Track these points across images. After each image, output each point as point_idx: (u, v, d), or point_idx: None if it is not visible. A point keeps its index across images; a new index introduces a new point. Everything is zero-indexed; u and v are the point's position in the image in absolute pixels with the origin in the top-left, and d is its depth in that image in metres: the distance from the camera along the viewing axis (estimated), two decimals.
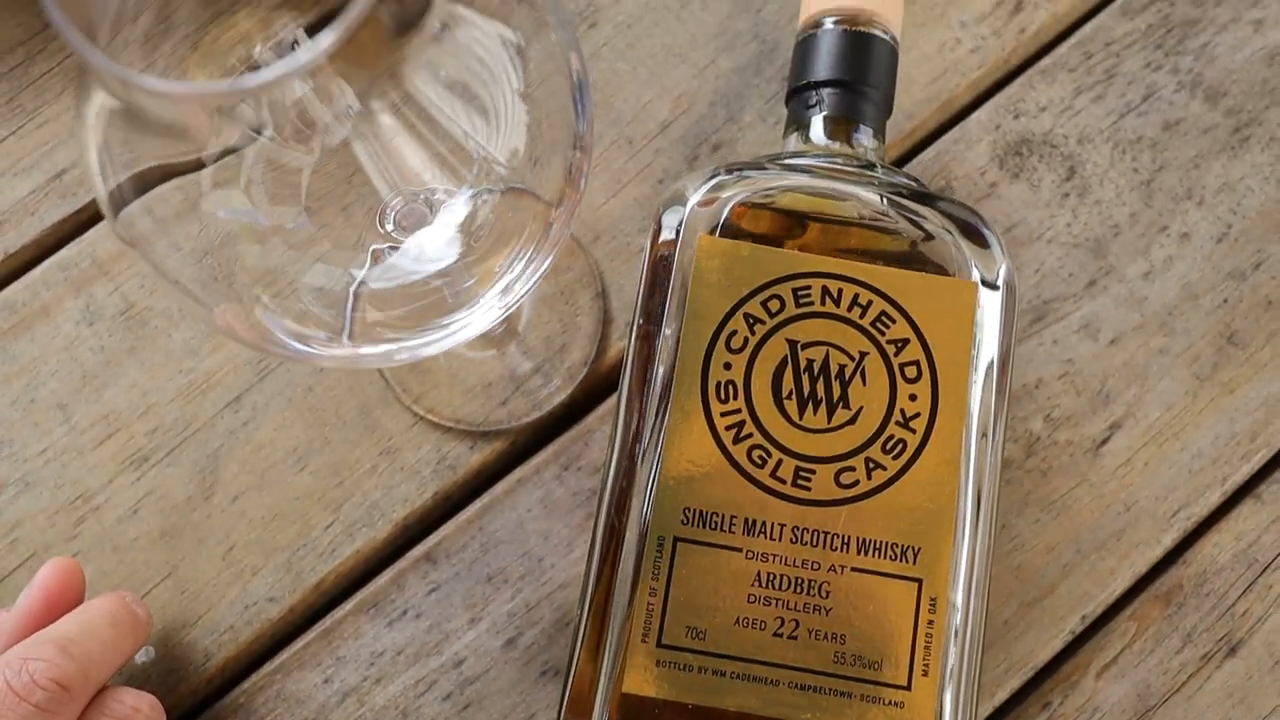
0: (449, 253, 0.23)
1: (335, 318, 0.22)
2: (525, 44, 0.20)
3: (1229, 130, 0.40)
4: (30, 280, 0.39)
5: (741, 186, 0.29)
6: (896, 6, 0.34)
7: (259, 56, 0.24)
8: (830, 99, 0.32)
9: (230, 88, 0.17)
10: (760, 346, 0.27)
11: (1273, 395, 0.37)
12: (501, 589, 0.36)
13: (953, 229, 0.29)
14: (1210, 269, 0.38)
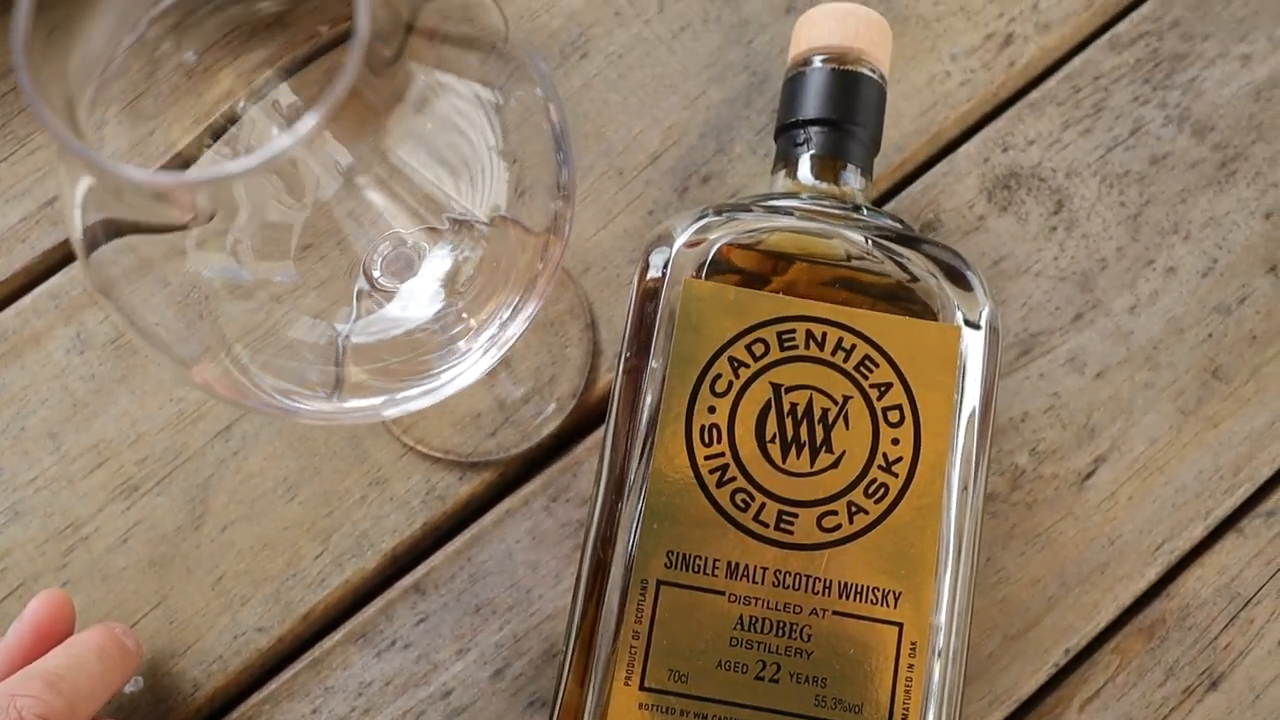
0: (433, 305, 0.23)
1: (320, 373, 0.22)
2: (503, 101, 0.21)
3: (1215, 165, 0.40)
4: (21, 307, 0.39)
5: (728, 228, 0.30)
6: (885, 45, 0.34)
7: (241, 110, 0.24)
8: (818, 138, 0.33)
9: (211, 175, 0.17)
10: (744, 390, 0.28)
11: (1256, 430, 0.38)
12: (490, 620, 0.36)
13: (936, 272, 0.30)
14: (1196, 303, 0.39)
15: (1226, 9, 0.41)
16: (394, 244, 0.23)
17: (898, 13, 0.41)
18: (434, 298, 0.23)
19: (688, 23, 0.41)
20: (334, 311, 0.22)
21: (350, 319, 0.22)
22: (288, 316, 0.21)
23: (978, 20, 0.41)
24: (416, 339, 0.23)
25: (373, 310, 0.23)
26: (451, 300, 0.23)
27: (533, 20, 0.41)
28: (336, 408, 0.22)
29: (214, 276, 0.20)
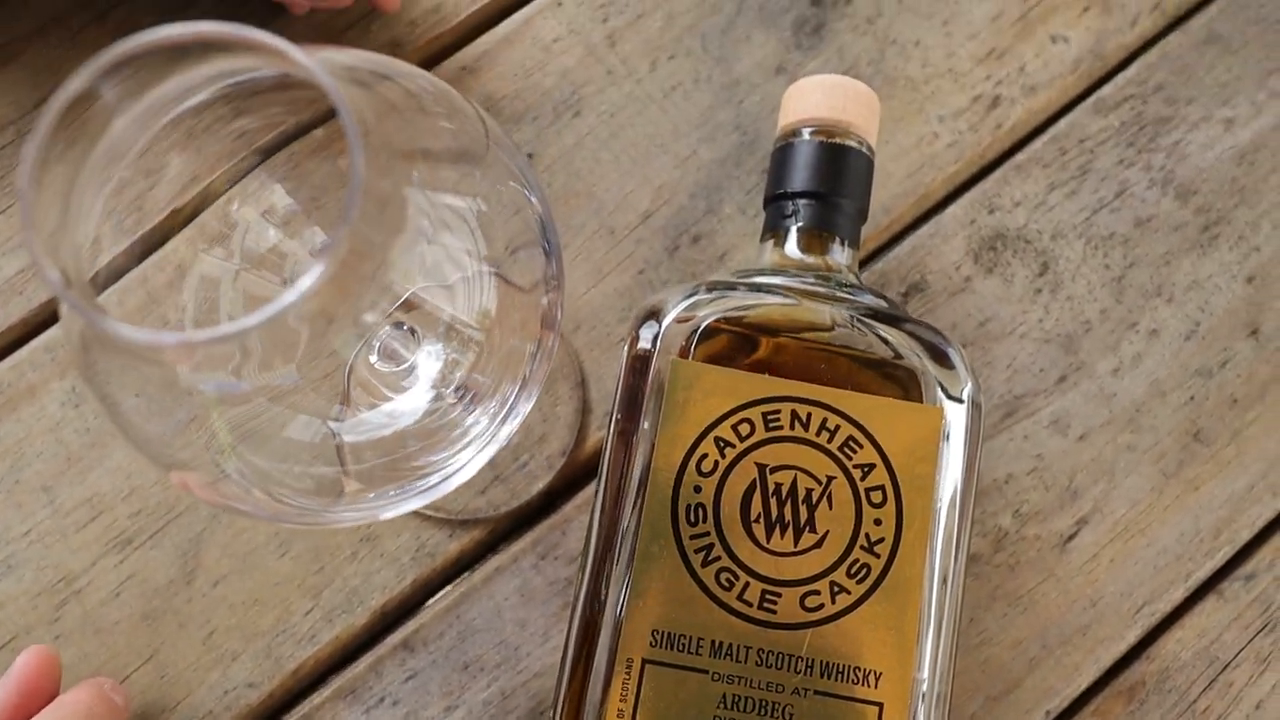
0: (426, 405, 0.23)
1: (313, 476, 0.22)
2: (486, 207, 0.21)
3: (1199, 228, 0.40)
4: (17, 360, 0.39)
5: (716, 305, 0.30)
6: (873, 117, 0.34)
7: (237, 214, 0.24)
8: (806, 211, 0.33)
9: (211, 335, 0.17)
10: (730, 470, 0.28)
11: (1236, 493, 0.38)
12: (478, 677, 0.36)
13: (919, 350, 0.30)
14: (1178, 366, 0.39)
15: (1210, 73, 0.42)
16: (386, 348, 0.23)
17: (886, 75, 0.41)
18: (426, 398, 0.23)
19: (679, 82, 0.41)
20: (326, 410, 0.22)
21: (342, 417, 0.23)
22: (281, 417, 0.21)
23: (965, 83, 0.42)
24: (409, 438, 0.23)
25: (363, 410, 0.23)
26: (444, 400, 0.24)
27: (526, 78, 0.41)
28: (331, 512, 0.22)
29: (210, 391, 0.21)
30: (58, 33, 0.42)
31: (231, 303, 0.24)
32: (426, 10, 0.42)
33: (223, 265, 0.24)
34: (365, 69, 0.20)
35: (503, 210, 0.21)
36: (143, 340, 0.16)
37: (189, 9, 0.43)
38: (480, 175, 0.21)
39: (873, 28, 0.42)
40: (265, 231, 0.24)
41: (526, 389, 0.23)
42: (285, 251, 0.25)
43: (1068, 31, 0.42)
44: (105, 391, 0.21)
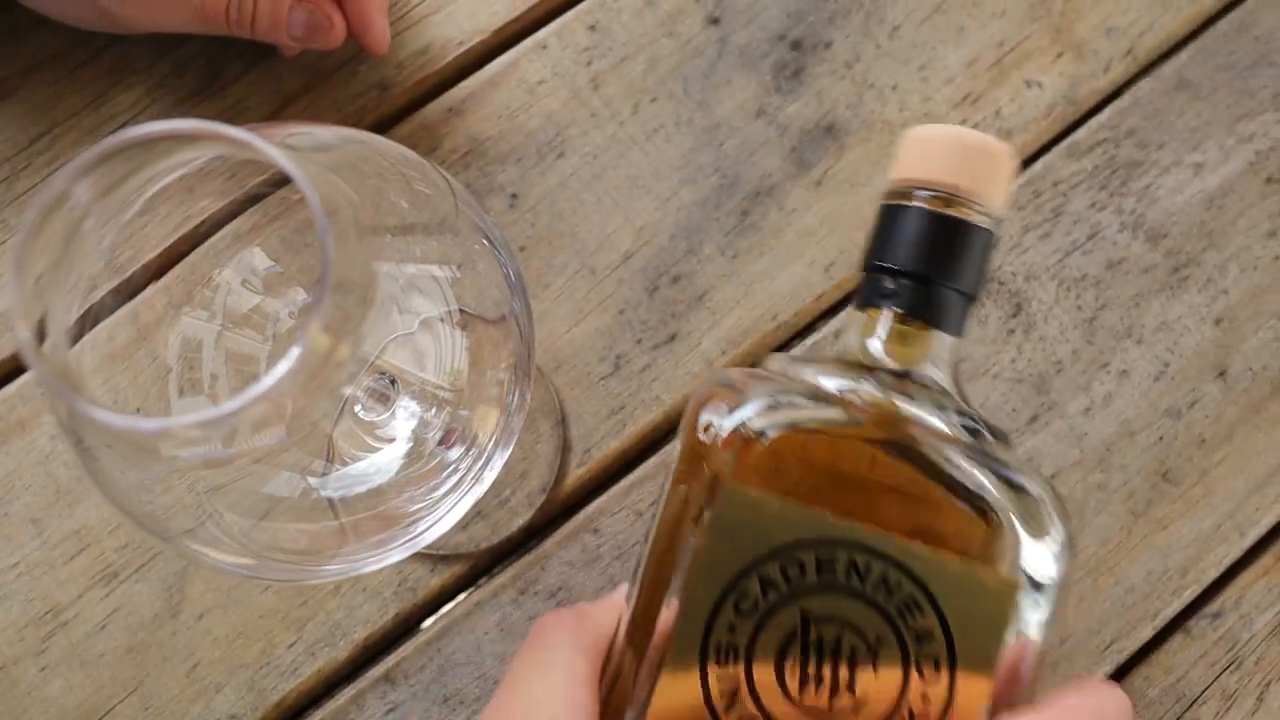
0: (402, 462, 0.24)
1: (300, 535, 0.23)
2: (457, 273, 0.22)
3: (1168, 270, 0.41)
4: (7, 394, 0.40)
5: (785, 415, 0.26)
6: (1001, 181, 0.28)
7: (220, 278, 0.25)
8: (906, 293, 0.29)
9: (199, 418, 0.17)
10: (770, 614, 0.26)
11: (1204, 532, 0.39)
12: (458, 710, 0.37)
13: (1009, 502, 0.26)
14: (1148, 406, 0.40)
15: (1180, 119, 0.43)
16: (362, 409, 0.24)
17: (864, 118, 0.42)
18: (406, 448, 0.24)
19: (660, 125, 0.42)
20: (309, 465, 0.23)
21: (328, 471, 0.23)
22: (265, 475, 0.22)
23: None
24: (391, 489, 0.24)
25: (347, 463, 0.24)
26: (424, 450, 0.24)
27: (511, 120, 0.42)
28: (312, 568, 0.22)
29: (191, 459, 0.21)
30: (54, 69, 0.43)
31: (215, 362, 0.25)
32: (414, 52, 0.43)
33: (205, 326, 0.25)
34: (337, 146, 0.21)
35: (473, 271, 0.22)
36: (121, 426, 0.17)
37: (180, 47, 0.44)
38: (450, 240, 0.22)
39: (851, 72, 0.43)
40: (246, 292, 0.25)
41: (503, 438, 0.24)
42: (268, 311, 0.25)
43: (1041, 77, 0.43)
44: (79, 440, 0.22)
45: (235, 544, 0.21)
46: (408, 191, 0.21)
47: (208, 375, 0.25)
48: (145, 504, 0.22)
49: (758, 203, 0.42)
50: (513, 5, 0.44)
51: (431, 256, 0.21)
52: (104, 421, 0.17)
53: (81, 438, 0.21)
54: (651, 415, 0.40)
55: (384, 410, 0.25)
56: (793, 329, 0.41)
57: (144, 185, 0.20)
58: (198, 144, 0.18)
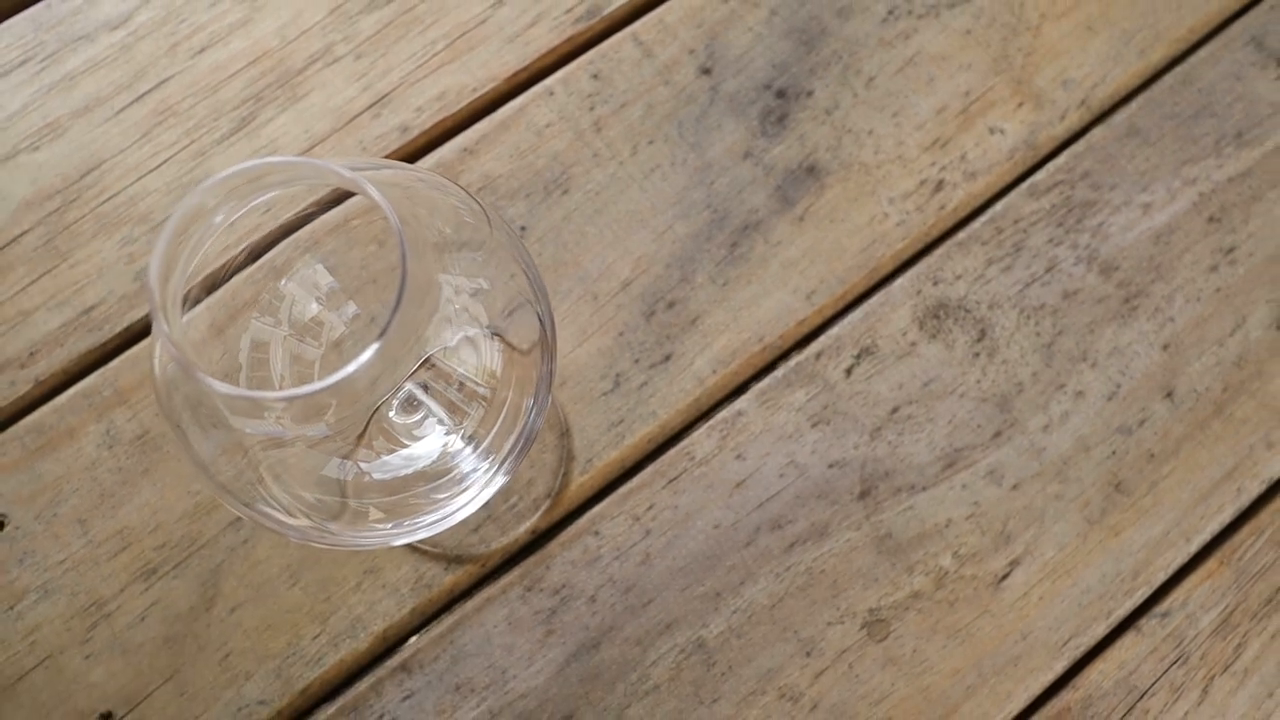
0: (440, 450, 0.27)
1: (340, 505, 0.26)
2: (488, 284, 0.26)
3: (1120, 300, 0.45)
4: (57, 405, 0.43)
5: None
6: None
7: (286, 288, 0.29)
8: None
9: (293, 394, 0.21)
10: None
11: (1154, 538, 0.43)
12: (469, 697, 0.40)
13: None
14: (1101, 424, 0.44)
15: (1130, 162, 0.47)
16: (409, 400, 0.28)
17: (842, 160, 0.47)
18: (439, 445, 0.28)
19: (657, 165, 0.46)
20: (353, 453, 0.27)
21: (368, 459, 0.27)
22: (316, 459, 0.26)
23: (913, 168, 0.47)
24: (423, 478, 0.27)
25: (387, 453, 0.28)
26: (456, 447, 0.28)
27: (520, 159, 0.46)
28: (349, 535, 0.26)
29: (255, 434, 0.25)
30: (101, 111, 0.47)
31: (282, 364, 0.28)
32: (432, 98, 0.47)
33: (272, 331, 0.28)
34: (401, 175, 0.25)
35: (503, 285, 0.26)
36: (235, 394, 0.21)
37: (216, 93, 0.48)
38: (484, 258, 0.25)
39: (830, 118, 0.47)
40: (308, 304, 0.29)
41: (524, 438, 0.27)
42: (323, 321, 0.29)
43: (1004, 124, 0.47)
44: (177, 421, 0.25)
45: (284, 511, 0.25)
46: (451, 216, 0.25)
47: (276, 375, 0.28)
48: (219, 474, 0.25)
49: (745, 236, 0.46)
50: (522, 55, 0.48)
51: (470, 270, 0.25)
52: (225, 393, 0.20)
53: (179, 420, 0.24)
54: (648, 428, 0.43)
55: (414, 414, 0.28)
56: (777, 350, 0.45)
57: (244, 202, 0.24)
58: (305, 177, 0.22)
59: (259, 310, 0.28)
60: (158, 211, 0.46)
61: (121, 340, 0.44)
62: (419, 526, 0.27)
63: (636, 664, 0.41)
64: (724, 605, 0.42)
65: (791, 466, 0.43)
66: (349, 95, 0.48)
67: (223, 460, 0.25)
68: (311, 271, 0.29)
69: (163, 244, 0.21)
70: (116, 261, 0.45)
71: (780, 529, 0.42)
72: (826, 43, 0.48)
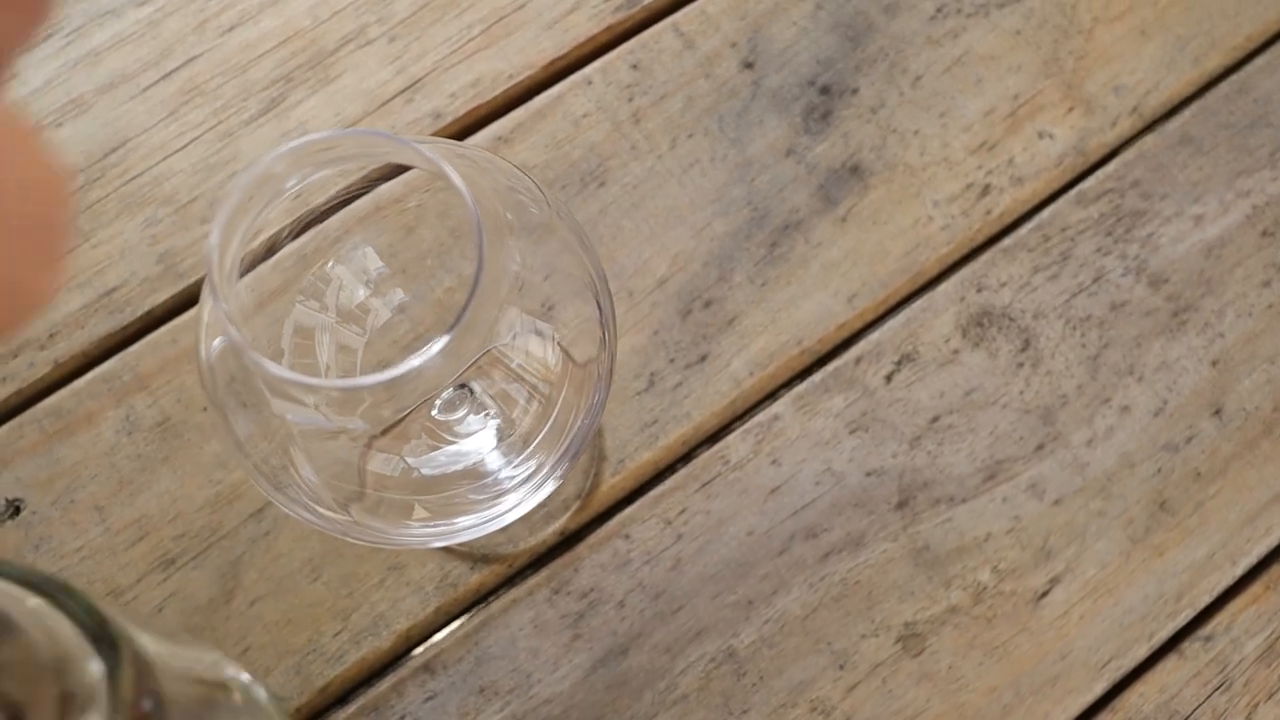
0: (491, 447, 0.26)
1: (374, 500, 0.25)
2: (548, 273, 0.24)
3: (1169, 314, 0.44)
4: (76, 389, 0.42)
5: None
6: None
7: (333, 271, 0.28)
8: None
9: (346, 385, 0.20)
10: None
11: (1198, 560, 0.41)
12: (492, 700, 0.39)
13: None
14: (1147, 440, 0.43)
15: (1183, 172, 0.46)
16: (458, 393, 0.27)
17: (887, 160, 0.45)
18: (490, 442, 0.27)
19: (696, 160, 0.45)
20: (400, 447, 0.25)
21: (414, 453, 0.26)
22: (356, 451, 0.24)
23: (959, 171, 0.45)
24: (471, 475, 0.26)
25: (431, 448, 0.26)
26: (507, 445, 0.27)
27: (556, 149, 0.45)
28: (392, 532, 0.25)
29: (298, 423, 0.24)
30: (126, 88, 0.46)
31: (328, 352, 0.27)
32: (466, 84, 0.46)
33: (318, 317, 0.27)
34: (468, 155, 0.24)
35: (564, 275, 0.25)
36: (294, 380, 0.19)
37: (246, 72, 0.46)
38: (544, 245, 0.24)
39: (876, 117, 0.46)
40: (356, 289, 0.28)
41: (581, 437, 0.26)
42: (369, 307, 0.28)
43: (1053, 129, 0.46)
44: (219, 401, 0.24)
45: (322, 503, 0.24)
46: (510, 199, 0.24)
47: (322, 363, 0.27)
48: (253, 459, 0.24)
49: (786, 235, 0.44)
50: (560, 43, 0.47)
51: (531, 262, 0.24)
52: (286, 377, 0.19)
53: (221, 400, 0.23)
54: (682, 430, 0.42)
55: (461, 408, 0.27)
56: (815, 354, 0.43)
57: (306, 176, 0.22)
58: (380, 153, 0.21)
59: (303, 293, 0.27)
60: (183, 192, 0.45)
61: (143, 324, 0.43)
62: (460, 528, 0.26)
63: (665, 672, 0.40)
64: (755, 614, 0.41)
65: (828, 474, 0.42)
66: (382, 78, 0.46)
67: (260, 446, 0.24)
68: (361, 255, 0.27)
69: (225, 212, 0.20)
70: (139, 243, 0.44)
71: (815, 538, 0.41)
72: (873, 39, 0.47)
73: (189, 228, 0.44)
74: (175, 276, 0.44)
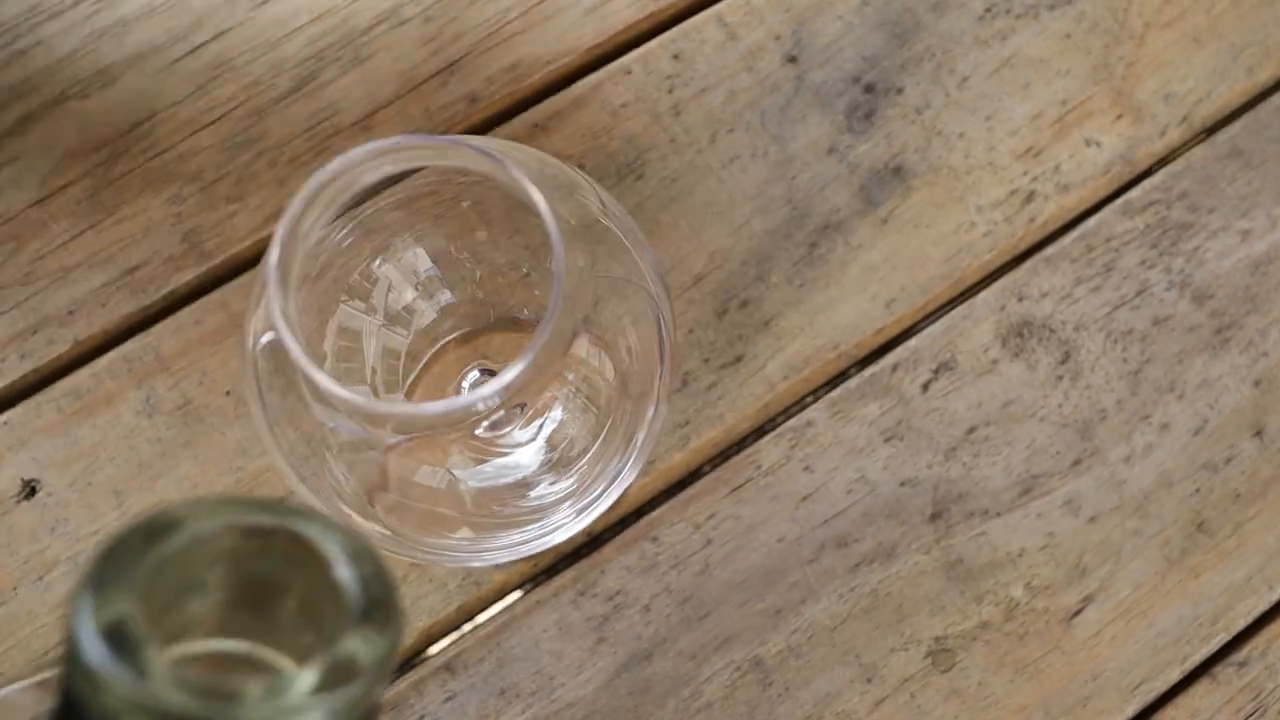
0: (539, 461, 0.26)
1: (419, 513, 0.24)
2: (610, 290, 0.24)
3: (1212, 330, 0.43)
4: (96, 368, 0.41)
5: None
6: None
7: (380, 271, 0.27)
8: None
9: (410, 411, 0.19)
10: None
11: (1235, 583, 0.41)
12: (513, 703, 0.39)
13: None
14: (1186, 459, 0.42)
15: (1231, 185, 0.45)
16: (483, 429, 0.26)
17: (931, 163, 0.44)
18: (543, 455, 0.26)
19: (737, 155, 0.44)
20: (445, 459, 0.25)
21: (460, 466, 0.25)
22: (404, 464, 0.24)
23: (1004, 176, 0.44)
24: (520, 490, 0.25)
25: (480, 461, 0.26)
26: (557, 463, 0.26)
27: (593, 139, 0.44)
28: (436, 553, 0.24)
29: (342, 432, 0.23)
30: (155, 60, 0.45)
31: (374, 357, 0.26)
32: (503, 68, 0.45)
33: (365, 319, 0.26)
34: (532, 160, 0.23)
35: (622, 282, 0.24)
36: (354, 401, 0.19)
37: (277, 48, 0.45)
38: (603, 250, 0.23)
39: (921, 117, 0.45)
40: (405, 291, 0.27)
41: (638, 450, 0.25)
42: (415, 309, 0.27)
43: (1101, 136, 0.45)
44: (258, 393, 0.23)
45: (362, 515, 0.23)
46: (569, 202, 0.23)
47: (368, 369, 0.26)
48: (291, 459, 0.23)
49: (826, 236, 0.43)
50: (600, 29, 0.46)
51: (592, 269, 0.23)
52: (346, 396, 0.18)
53: (261, 395, 0.22)
54: (714, 432, 0.41)
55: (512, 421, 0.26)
56: (852, 359, 0.42)
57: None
58: (457, 161, 0.20)
59: (347, 292, 0.26)
60: (210, 170, 0.44)
61: (166, 304, 0.42)
62: (506, 545, 0.25)
63: (690, 679, 0.39)
64: (784, 623, 0.40)
65: (861, 482, 0.41)
66: (416, 60, 0.45)
67: (293, 442, 0.23)
68: (412, 255, 0.26)
69: (297, 205, 0.19)
70: (164, 220, 0.43)
71: (846, 547, 0.41)
72: (920, 37, 0.46)
73: (215, 206, 0.43)
74: (200, 256, 0.43)
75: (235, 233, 0.43)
